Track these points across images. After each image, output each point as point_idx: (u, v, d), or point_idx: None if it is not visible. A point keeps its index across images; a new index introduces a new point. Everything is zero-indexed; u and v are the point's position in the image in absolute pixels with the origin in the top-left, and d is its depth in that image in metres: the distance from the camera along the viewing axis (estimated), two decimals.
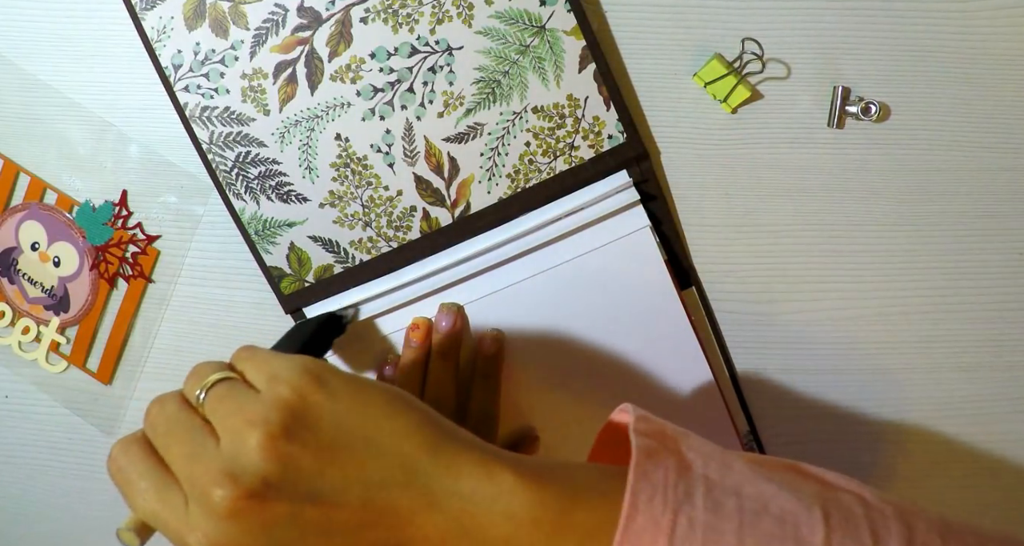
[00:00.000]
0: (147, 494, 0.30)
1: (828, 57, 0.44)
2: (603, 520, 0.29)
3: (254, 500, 0.29)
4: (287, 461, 0.29)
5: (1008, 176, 0.45)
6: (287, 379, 0.31)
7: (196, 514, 0.29)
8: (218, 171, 0.48)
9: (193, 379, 0.34)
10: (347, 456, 0.30)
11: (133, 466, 0.31)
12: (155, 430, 0.32)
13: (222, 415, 0.31)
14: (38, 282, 0.53)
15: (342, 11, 0.44)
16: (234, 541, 0.29)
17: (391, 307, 0.48)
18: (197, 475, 0.29)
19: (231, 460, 0.29)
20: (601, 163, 0.45)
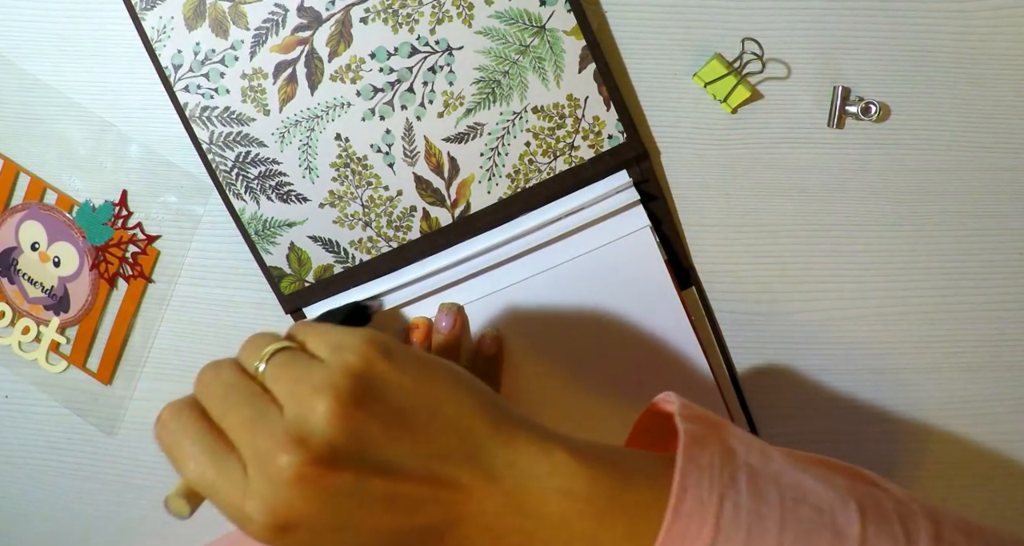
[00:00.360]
0: (201, 459, 0.29)
1: (828, 57, 0.44)
2: (653, 500, 0.30)
3: (322, 467, 0.28)
4: (356, 429, 0.28)
5: (1008, 176, 0.45)
6: (353, 348, 0.30)
7: (257, 481, 0.28)
8: (218, 171, 0.48)
9: (250, 348, 0.32)
10: (414, 428, 0.29)
11: (185, 430, 0.30)
12: (211, 395, 0.31)
13: (287, 382, 0.30)
14: (38, 282, 0.53)
15: (342, 11, 0.45)
16: (297, 509, 0.28)
17: (391, 307, 0.48)
18: (260, 441, 0.28)
19: (298, 426, 0.28)
20: (601, 163, 0.45)
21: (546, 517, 0.30)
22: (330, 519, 0.28)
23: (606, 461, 0.31)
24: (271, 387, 0.30)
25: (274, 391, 0.30)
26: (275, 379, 0.30)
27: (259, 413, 0.29)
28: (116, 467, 0.56)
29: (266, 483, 0.28)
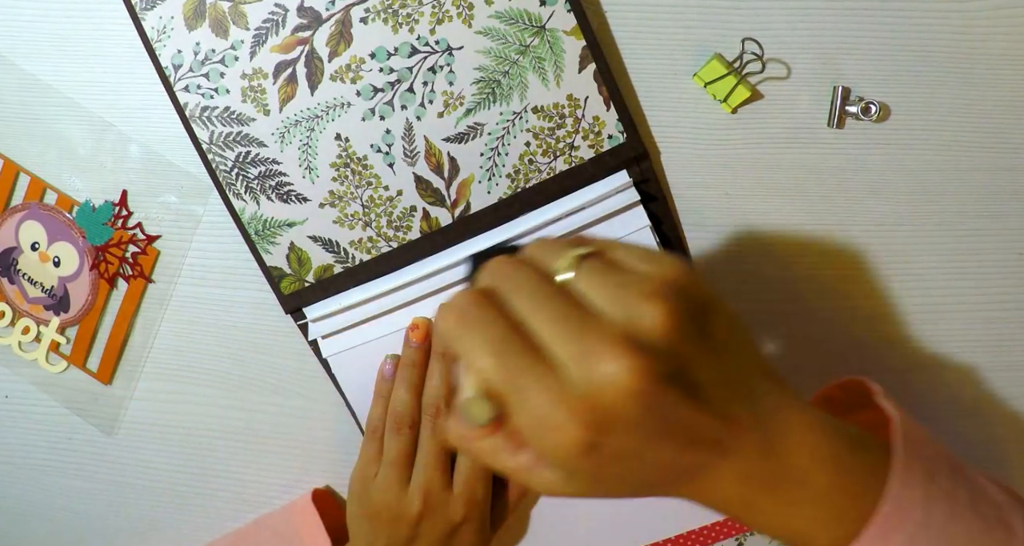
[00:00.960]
0: (507, 354, 0.26)
1: (828, 57, 0.44)
2: (877, 467, 0.31)
3: (655, 377, 0.25)
4: (683, 343, 0.27)
5: (1008, 176, 0.45)
6: (671, 263, 0.28)
7: (582, 384, 0.26)
8: (218, 171, 0.48)
9: (546, 252, 0.30)
10: (721, 357, 0.29)
11: (488, 321, 0.27)
12: (516, 291, 0.28)
13: (610, 287, 0.27)
14: (38, 282, 0.53)
15: (342, 11, 0.45)
16: (618, 422, 0.26)
17: (391, 307, 0.48)
18: (589, 340, 0.26)
19: (629, 331, 0.26)
20: (601, 163, 0.45)
21: (790, 470, 0.30)
22: (635, 443, 0.27)
23: (841, 428, 0.32)
24: (585, 290, 0.28)
25: (589, 295, 0.28)
26: (593, 283, 0.28)
27: (579, 313, 0.27)
28: (116, 467, 0.56)
29: (594, 387, 0.25)
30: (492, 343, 0.27)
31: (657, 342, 0.26)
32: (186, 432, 0.54)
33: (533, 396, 0.26)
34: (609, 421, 0.26)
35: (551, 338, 0.27)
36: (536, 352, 0.27)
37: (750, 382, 0.30)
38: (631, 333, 0.26)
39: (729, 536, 0.50)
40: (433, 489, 0.45)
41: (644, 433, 0.27)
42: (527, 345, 0.27)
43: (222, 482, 0.55)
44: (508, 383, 0.27)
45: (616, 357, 0.25)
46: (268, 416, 0.53)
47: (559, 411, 0.26)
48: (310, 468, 0.54)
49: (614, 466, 0.27)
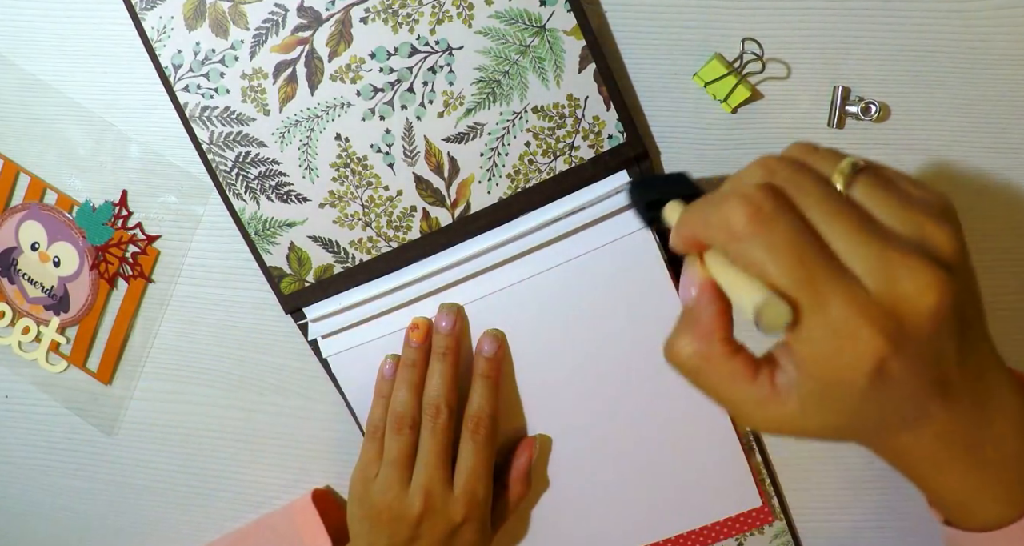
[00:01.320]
0: (806, 256, 0.25)
1: (828, 57, 0.44)
2: None
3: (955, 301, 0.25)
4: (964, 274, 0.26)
5: (1008, 176, 0.45)
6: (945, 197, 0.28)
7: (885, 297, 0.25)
8: (218, 171, 0.48)
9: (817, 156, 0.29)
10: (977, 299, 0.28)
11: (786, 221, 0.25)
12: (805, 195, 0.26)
13: (896, 203, 0.26)
14: (38, 282, 0.53)
15: (342, 11, 0.45)
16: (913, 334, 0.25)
17: (391, 307, 0.48)
18: (888, 253, 0.25)
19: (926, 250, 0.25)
20: (601, 163, 0.45)
21: (991, 429, 0.29)
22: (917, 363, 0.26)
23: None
24: (869, 204, 0.27)
25: (874, 209, 0.26)
26: (876, 197, 0.27)
27: (876, 226, 0.26)
28: (116, 467, 0.56)
29: (895, 300, 0.24)
30: (792, 245, 0.25)
31: (955, 264, 0.26)
32: (186, 432, 0.54)
33: (835, 304, 0.25)
34: (907, 336, 0.25)
35: (850, 246, 0.25)
36: (835, 259, 0.25)
37: (981, 332, 0.29)
38: (933, 250, 0.25)
39: (729, 536, 0.50)
40: (434, 489, 0.45)
41: (923, 358, 0.26)
42: (827, 251, 0.26)
43: (222, 482, 0.55)
44: (809, 289, 0.25)
45: (923, 272, 0.25)
46: (268, 416, 0.53)
47: (863, 320, 0.25)
48: (310, 468, 0.54)
49: (883, 392, 0.26)
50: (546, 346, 0.48)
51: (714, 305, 0.29)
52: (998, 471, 0.30)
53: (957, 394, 0.28)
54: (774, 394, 0.28)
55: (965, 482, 0.30)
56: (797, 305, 0.25)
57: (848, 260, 0.25)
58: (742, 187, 0.27)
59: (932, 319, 0.25)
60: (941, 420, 0.28)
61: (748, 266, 0.26)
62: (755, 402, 0.28)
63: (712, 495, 0.49)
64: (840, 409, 0.27)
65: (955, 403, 0.28)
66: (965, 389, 0.28)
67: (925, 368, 0.26)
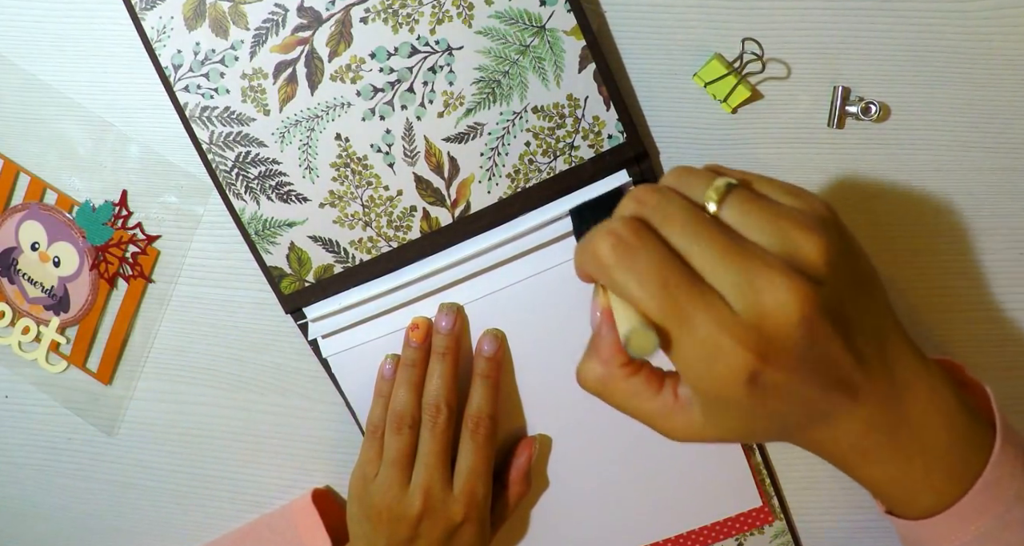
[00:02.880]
0: (678, 284, 0.26)
1: (828, 57, 0.44)
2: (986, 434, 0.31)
3: (820, 311, 0.25)
4: (839, 278, 0.26)
5: (1008, 176, 0.45)
6: (815, 198, 0.28)
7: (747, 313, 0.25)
8: (218, 171, 0.48)
9: (691, 181, 0.29)
10: (868, 297, 0.28)
11: (651, 250, 0.26)
12: (670, 219, 0.27)
13: (764, 217, 0.27)
14: (38, 282, 0.53)
15: (342, 11, 0.45)
16: (782, 346, 0.25)
17: (391, 307, 0.48)
18: (751, 270, 0.25)
19: (791, 260, 0.26)
20: (601, 163, 0.45)
21: (911, 419, 0.30)
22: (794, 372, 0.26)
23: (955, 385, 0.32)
24: (739, 221, 0.27)
25: (742, 225, 0.27)
26: (745, 213, 0.27)
27: (740, 243, 0.26)
28: (116, 467, 0.56)
29: (758, 316, 0.25)
30: (655, 272, 0.26)
31: (818, 272, 0.26)
32: (186, 432, 0.54)
33: (700, 324, 0.26)
34: (775, 349, 0.25)
35: (712, 267, 0.26)
36: (699, 281, 0.26)
37: (884, 327, 0.29)
38: (797, 262, 0.26)
39: (729, 536, 0.50)
40: (433, 489, 0.45)
41: (802, 365, 0.26)
42: (690, 274, 0.26)
43: (222, 482, 0.55)
44: (673, 312, 0.26)
45: (783, 285, 0.25)
46: (268, 416, 0.53)
47: (727, 338, 0.25)
48: (310, 468, 0.54)
49: (767, 401, 0.27)
50: (546, 346, 0.48)
51: (613, 331, 0.30)
52: (926, 460, 0.31)
53: (866, 389, 0.29)
54: (678, 405, 0.29)
55: (895, 472, 0.31)
56: (666, 329, 0.26)
57: (712, 280, 0.26)
58: (610, 221, 0.28)
59: (798, 328, 0.25)
60: (855, 415, 0.29)
61: (620, 295, 0.27)
62: (662, 414, 0.29)
63: (712, 495, 0.49)
64: (738, 416, 0.28)
65: (866, 397, 0.29)
66: (875, 383, 0.29)
67: (810, 373, 0.27)
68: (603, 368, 0.30)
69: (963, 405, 0.32)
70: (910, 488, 0.31)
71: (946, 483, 0.31)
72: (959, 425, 0.31)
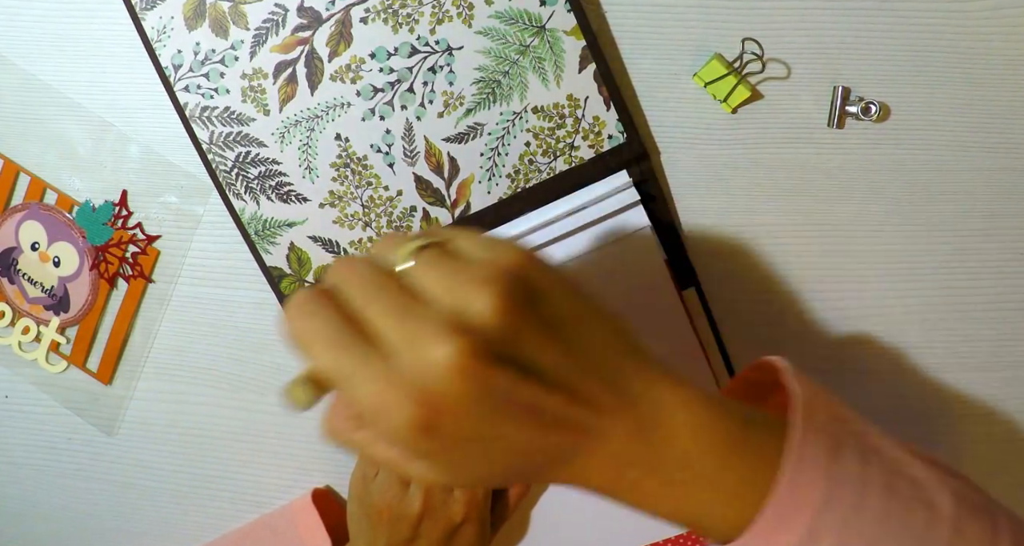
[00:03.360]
0: (344, 345, 0.27)
1: (828, 57, 0.44)
2: (771, 449, 0.30)
3: (481, 360, 0.26)
4: (516, 327, 0.27)
5: (1008, 176, 0.45)
6: (508, 249, 0.29)
7: (411, 370, 0.26)
8: (218, 171, 0.48)
9: (386, 246, 0.31)
10: (565, 340, 0.29)
11: (326, 315, 0.28)
12: (351, 285, 0.29)
13: (441, 274, 0.28)
14: (38, 282, 0.53)
15: (342, 11, 0.45)
16: (448, 404, 0.26)
17: None
18: (415, 327, 0.26)
19: (457, 316, 0.27)
20: (601, 163, 0.45)
21: (670, 452, 0.29)
22: (473, 423, 0.27)
23: (729, 406, 0.31)
24: (421, 281, 0.28)
25: (425, 284, 0.28)
26: (427, 272, 0.28)
27: (410, 302, 0.27)
28: (116, 467, 0.56)
29: (420, 372, 0.26)
30: (325, 334, 0.28)
31: (485, 324, 0.27)
32: (186, 432, 0.54)
33: (365, 382, 0.27)
34: (440, 401, 0.26)
35: (383, 327, 0.27)
36: (369, 342, 0.27)
37: (610, 363, 0.29)
38: (459, 317, 0.27)
39: None
40: (434, 489, 0.45)
41: (482, 414, 0.27)
42: (360, 335, 0.27)
43: (222, 482, 0.55)
44: (341, 372, 0.27)
45: (441, 340, 0.26)
46: (268, 416, 0.53)
47: (390, 394, 0.26)
48: (310, 468, 0.54)
49: (462, 448, 0.28)
50: None
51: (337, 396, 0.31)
52: (702, 491, 0.30)
53: (601, 426, 0.29)
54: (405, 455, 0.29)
55: (675, 504, 0.31)
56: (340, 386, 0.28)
57: (384, 339, 0.27)
58: (295, 294, 0.30)
59: (460, 379, 0.26)
60: (599, 453, 0.29)
61: (302, 356, 0.29)
62: (398, 462, 0.30)
63: None
64: (446, 463, 0.29)
65: (612, 430, 0.29)
66: (612, 419, 0.29)
67: (494, 418, 0.27)
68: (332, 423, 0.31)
69: (742, 424, 0.31)
70: (704, 515, 0.31)
71: (740, 506, 0.30)
72: (734, 447, 0.30)
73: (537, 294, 0.28)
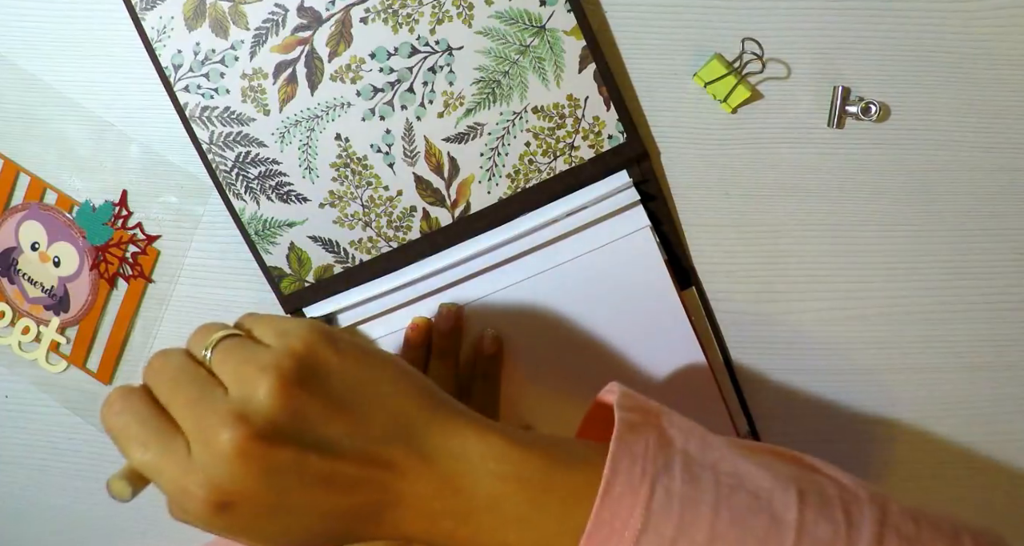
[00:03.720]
0: (146, 440, 0.30)
1: (828, 57, 0.44)
2: (586, 485, 0.30)
3: (262, 442, 0.29)
4: (297, 408, 0.30)
5: (1008, 176, 0.45)
6: (297, 334, 0.31)
7: (200, 457, 0.29)
8: (218, 171, 0.48)
9: (198, 336, 0.34)
10: (353, 410, 0.31)
11: (133, 413, 0.31)
12: (158, 378, 0.32)
13: (232, 364, 0.31)
14: (38, 282, 0.53)
15: (342, 11, 0.45)
16: (236, 485, 0.29)
17: (391, 307, 0.48)
18: (204, 418, 0.29)
19: (241, 404, 0.29)
20: (601, 163, 0.45)
21: (479, 499, 0.30)
22: (268, 496, 0.29)
23: (541, 447, 0.32)
24: (217, 370, 0.31)
25: (220, 374, 0.31)
26: (222, 362, 0.31)
27: (204, 393, 0.30)
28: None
29: (208, 459, 0.29)
30: (133, 431, 0.30)
31: (266, 411, 0.29)
32: None
33: (167, 475, 0.30)
34: (230, 489, 0.29)
35: (181, 420, 0.30)
36: (173, 434, 0.30)
37: (406, 425, 0.31)
38: (243, 407, 0.29)
39: None
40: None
41: (272, 488, 0.29)
42: (166, 427, 0.30)
43: None
44: (149, 465, 0.30)
45: (222, 430, 0.29)
46: None
47: (185, 482, 0.29)
48: None
49: (265, 520, 0.30)
50: (546, 345, 0.48)
51: None
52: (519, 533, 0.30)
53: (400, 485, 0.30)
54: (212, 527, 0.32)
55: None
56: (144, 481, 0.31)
57: (182, 429, 0.30)
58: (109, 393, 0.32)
59: (241, 463, 0.29)
60: (411, 503, 0.31)
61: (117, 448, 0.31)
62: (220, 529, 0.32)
63: None
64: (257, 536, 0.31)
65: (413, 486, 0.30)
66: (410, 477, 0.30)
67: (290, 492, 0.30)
68: None
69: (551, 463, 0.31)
70: None
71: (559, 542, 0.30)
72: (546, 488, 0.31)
73: (321, 372, 0.31)
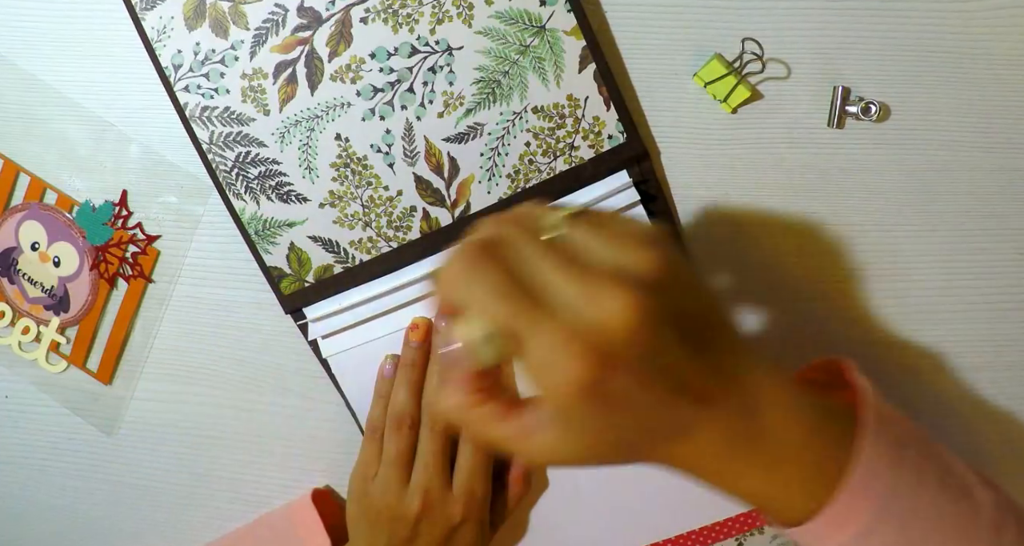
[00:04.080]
0: (513, 296, 0.27)
1: (828, 57, 0.44)
2: (845, 433, 0.32)
3: (650, 314, 0.27)
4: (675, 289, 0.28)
5: (1009, 176, 0.45)
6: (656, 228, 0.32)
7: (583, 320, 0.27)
8: (218, 171, 0.48)
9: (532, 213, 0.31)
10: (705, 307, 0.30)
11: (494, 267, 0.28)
12: (514, 243, 0.29)
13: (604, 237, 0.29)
14: (38, 282, 0.53)
15: (342, 11, 0.45)
16: (618, 352, 0.27)
17: (391, 307, 0.48)
18: (588, 281, 0.27)
19: (627, 272, 0.27)
20: (601, 163, 0.45)
21: (768, 427, 0.31)
22: (634, 379, 0.28)
23: (808, 393, 0.33)
24: (581, 242, 0.29)
25: (585, 246, 0.29)
26: (587, 235, 0.29)
27: (577, 261, 0.28)
28: (116, 467, 0.56)
29: (595, 323, 0.27)
30: (500, 286, 0.28)
31: (654, 283, 0.27)
32: (186, 432, 0.54)
33: (539, 334, 0.27)
34: (611, 355, 0.27)
35: (555, 282, 0.28)
36: (541, 295, 0.28)
37: (727, 339, 0.31)
38: (630, 274, 0.27)
39: (729, 536, 0.50)
40: (432, 489, 0.45)
41: (642, 371, 0.28)
42: (532, 288, 0.28)
43: (222, 482, 0.55)
44: (517, 323, 0.27)
45: (617, 294, 0.27)
46: (268, 416, 0.53)
47: (564, 347, 0.26)
48: (310, 468, 0.54)
49: (613, 412, 0.28)
50: None
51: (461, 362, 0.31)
52: (788, 468, 0.32)
53: (720, 400, 0.30)
54: (530, 428, 0.30)
55: (761, 483, 0.32)
56: (511, 339, 0.28)
57: (554, 295, 0.28)
58: (459, 246, 0.30)
59: (634, 333, 0.27)
60: (712, 427, 0.30)
61: (469, 307, 0.29)
62: (519, 437, 0.30)
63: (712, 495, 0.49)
64: (588, 429, 0.29)
65: (721, 408, 0.30)
66: (727, 394, 0.30)
67: (655, 380, 0.28)
68: (454, 398, 0.31)
69: (822, 410, 0.33)
70: (780, 497, 0.32)
71: (814, 488, 0.32)
72: (817, 429, 0.32)
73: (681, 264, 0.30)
